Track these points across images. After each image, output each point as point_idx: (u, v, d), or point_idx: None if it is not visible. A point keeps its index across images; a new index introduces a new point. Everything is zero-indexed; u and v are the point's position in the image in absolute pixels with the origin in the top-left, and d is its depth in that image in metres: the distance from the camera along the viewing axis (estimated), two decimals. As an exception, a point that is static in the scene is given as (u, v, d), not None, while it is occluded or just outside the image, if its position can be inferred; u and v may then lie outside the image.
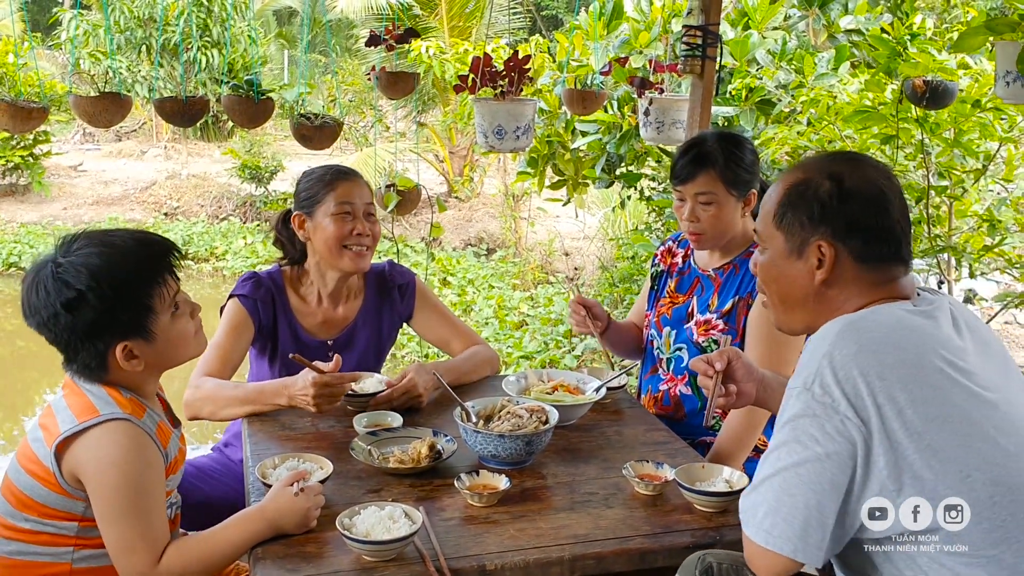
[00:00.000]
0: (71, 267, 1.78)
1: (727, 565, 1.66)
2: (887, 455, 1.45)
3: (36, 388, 8.03)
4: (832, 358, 1.50)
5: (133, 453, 1.76)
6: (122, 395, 1.82)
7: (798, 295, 1.72)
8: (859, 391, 1.46)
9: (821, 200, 1.65)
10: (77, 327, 1.77)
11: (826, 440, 1.46)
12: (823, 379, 1.48)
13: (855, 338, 1.52)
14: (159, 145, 17.03)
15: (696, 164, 2.56)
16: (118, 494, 1.74)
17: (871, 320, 1.57)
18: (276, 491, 1.83)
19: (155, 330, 1.84)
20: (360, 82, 14.22)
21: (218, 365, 2.53)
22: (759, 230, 1.78)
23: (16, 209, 13.59)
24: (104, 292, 1.77)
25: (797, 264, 1.69)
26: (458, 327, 2.90)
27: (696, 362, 2.02)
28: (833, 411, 1.46)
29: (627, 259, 7.19)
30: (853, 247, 1.64)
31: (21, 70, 6.14)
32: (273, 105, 3.39)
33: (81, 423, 1.75)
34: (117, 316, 1.80)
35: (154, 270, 1.86)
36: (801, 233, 1.68)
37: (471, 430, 2.10)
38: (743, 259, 2.63)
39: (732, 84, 4.72)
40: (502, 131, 3.23)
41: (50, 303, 1.77)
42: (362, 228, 2.65)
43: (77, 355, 1.81)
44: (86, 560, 1.82)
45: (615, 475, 2.10)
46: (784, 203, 1.70)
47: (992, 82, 3.99)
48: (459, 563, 1.71)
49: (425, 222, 12.27)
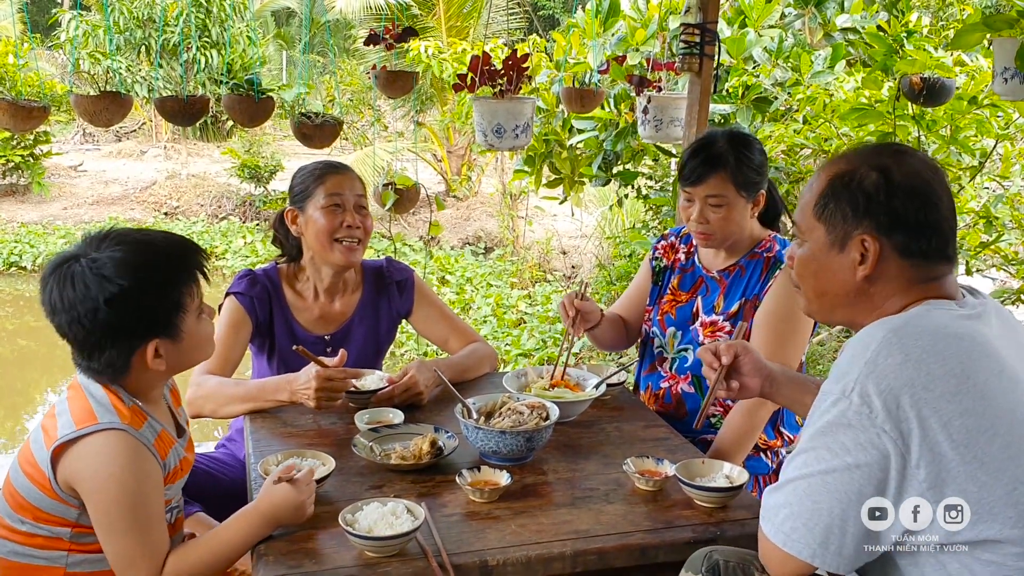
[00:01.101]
0: (110, 262, 1.75)
1: (734, 563, 1.64)
2: (929, 467, 1.42)
3: (37, 387, 8.04)
4: (876, 366, 1.45)
5: (130, 465, 1.73)
6: (124, 403, 1.79)
7: (838, 290, 1.66)
8: (901, 403, 1.42)
9: (867, 192, 1.59)
10: (115, 323, 1.75)
11: (857, 451, 1.43)
12: (863, 388, 1.44)
13: (900, 347, 1.47)
14: (159, 145, 17.03)
15: (707, 166, 2.53)
16: (116, 507, 1.73)
17: (916, 327, 1.51)
18: (268, 487, 1.82)
19: (184, 330, 1.83)
20: (358, 82, 14.24)
21: (218, 363, 2.54)
22: (798, 221, 1.72)
23: (16, 209, 13.59)
24: (146, 288, 1.77)
25: (838, 257, 1.64)
26: (456, 324, 2.90)
27: (704, 351, 2.00)
28: (870, 423, 1.42)
29: (624, 257, 7.19)
30: (898, 242, 1.58)
31: (22, 71, 6.16)
32: (273, 104, 3.40)
33: (79, 430, 1.73)
34: (155, 313, 1.79)
35: (188, 269, 1.85)
36: (844, 226, 1.62)
37: (472, 426, 2.11)
38: (748, 260, 2.63)
39: (729, 82, 4.73)
40: (501, 129, 3.24)
41: (90, 298, 1.73)
42: (352, 220, 2.64)
43: (103, 353, 1.78)
44: (80, 565, 1.81)
45: (615, 471, 2.11)
46: (826, 194, 1.64)
47: (989, 79, 4.01)
48: (461, 558, 1.72)
49: (423, 221, 12.29)
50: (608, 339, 2.87)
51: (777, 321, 2.50)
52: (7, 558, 1.81)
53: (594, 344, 2.87)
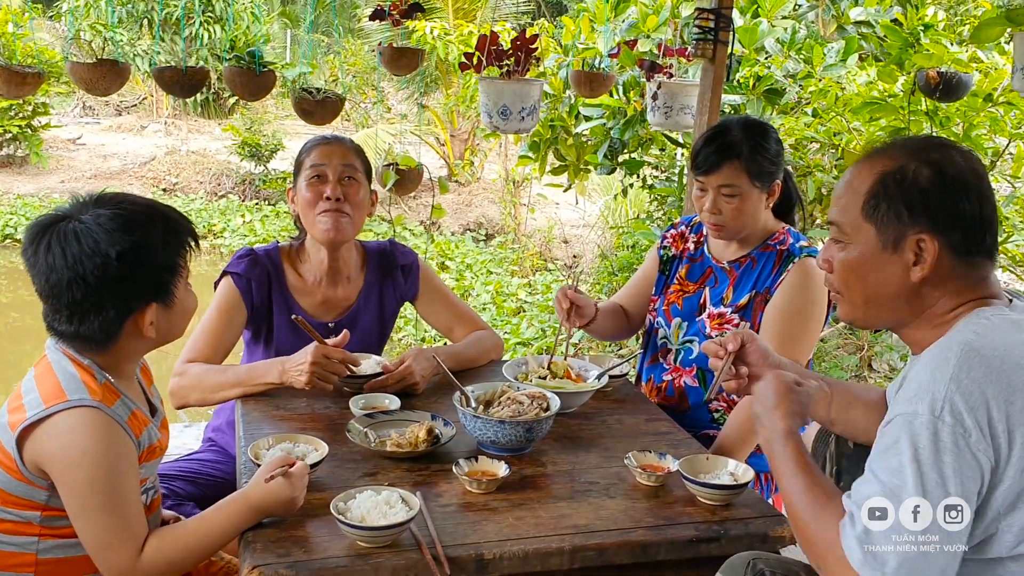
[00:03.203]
0: (115, 218, 1.68)
1: (781, 573, 1.57)
2: (1012, 483, 1.38)
3: (30, 360, 7.96)
4: (960, 383, 1.38)
5: (102, 444, 1.66)
6: (95, 380, 1.72)
7: (889, 293, 1.58)
8: (992, 417, 1.37)
9: (922, 189, 1.51)
10: (122, 281, 1.68)
11: (957, 483, 1.36)
12: (953, 406, 1.37)
13: (981, 360, 1.40)
14: (159, 121, 16.97)
15: (720, 155, 2.46)
16: (89, 489, 1.66)
17: (989, 337, 1.45)
18: (261, 476, 1.76)
19: (177, 296, 1.78)
20: (362, 62, 14.15)
21: (207, 351, 2.44)
22: (840, 222, 1.63)
23: (13, 181, 13.54)
24: (153, 246, 1.71)
25: (892, 259, 1.55)
26: (462, 311, 2.81)
27: (708, 344, 1.95)
28: (965, 443, 1.36)
29: (627, 248, 7.14)
30: (954, 240, 1.51)
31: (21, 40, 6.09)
32: (274, 78, 3.33)
33: (47, 408, 1.65)
34: (159, 275, 1.74)
35: (182, 233, 1.80)
36: (898, 226, 1.53)
37: (470, 415, 2.06)
38: (760, 252, 2.57)
39: (740, 72, 4.67)
40: (507, 111, 3.18)
41: (99, 252, 1.65)
42: (332, 191, 2.51)
43: (100, 315, 1.70)
44: (52, 551, 1.73)
45: (616, 464, 2.05)
46: (877, 192, 1.55)
47: (1004, 76, 3.94)
48: (456, 551, 1.66)
49: (424, 205, 12.24)
50: (606, 329, 2.80)
51: (788, 317, 2.44)
52: None
53: (591, 335, 2.80)
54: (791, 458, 1.60)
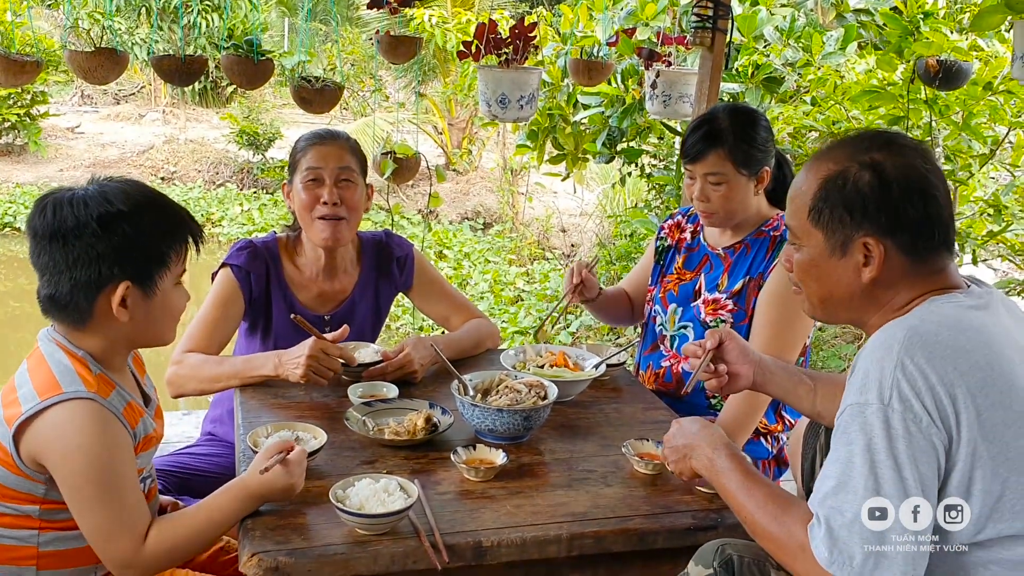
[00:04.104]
0: (116, 189, 1.73)
1: (749, 559, 1.57)
2: (965, 463, 1.39)
3: (29, 349, 7.99)
4: (905, 369, 1.39)
5: (98, 436, 1.66)
6: (90, 371, 1.72)
7: (843, 293, 1.60)
8: (939, 401, 1.38)
9: (862, 194, 1.52)
10: (96, 247, 1.69)
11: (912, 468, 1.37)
12: (901, 392, 1.38)
13: (923, 346, 1.41)
14: (157, 109, 16.92)
15: (706, 143, 2.48)
16: (87, 481, 1.65)
17: (934, 323, 1.46)
18: (258, 464, 1.76)
19: (159, 288, 1.77)
20: (360, 51, 14.11)
21: (203, 341, 2.44)
22: (792, 226, 1.65)
23: (12, 169, 13.52)
24: (140, 224, 1.72)
25: (841, 262, 1.57)
26: (457, 301, 2.82)
27: (688, 346, 1.98)
28: (916, 427, 1.37)
29: (625, 236, 7.14)
30: (902, 241, 1.52)
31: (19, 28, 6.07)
32: (272, 66, 3.32)
33: (43, 401, 1.65)
34: (137, 254, 1.73)
35: (183, 229, 1.81)
36: (843, 231, 1.55)
37: (468, 403, 2.06)
38: (754, 239, 2.58)
39: (739, 61, 4.66)
40: (505, 100, 3.18)
41: (84, 214, 1.68)
42: (330, 196, 2.50)
43: (71, 280, 1.70)
44: (53, 543, 1.74)
45: (614, 453, 2.06)
46: (820, 198, 1.57)
47: (1004, 65, 3.93)
48: (454, 539, 1.67)
49: (421, 194, 12.22)
50: (610, 313, 2.85)
51: (783, 302, 2.44)
52: None
53: (596, 317, 2.83)
54: (741, 473, 1.62)
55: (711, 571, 1.58)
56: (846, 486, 1.40)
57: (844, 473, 1.41)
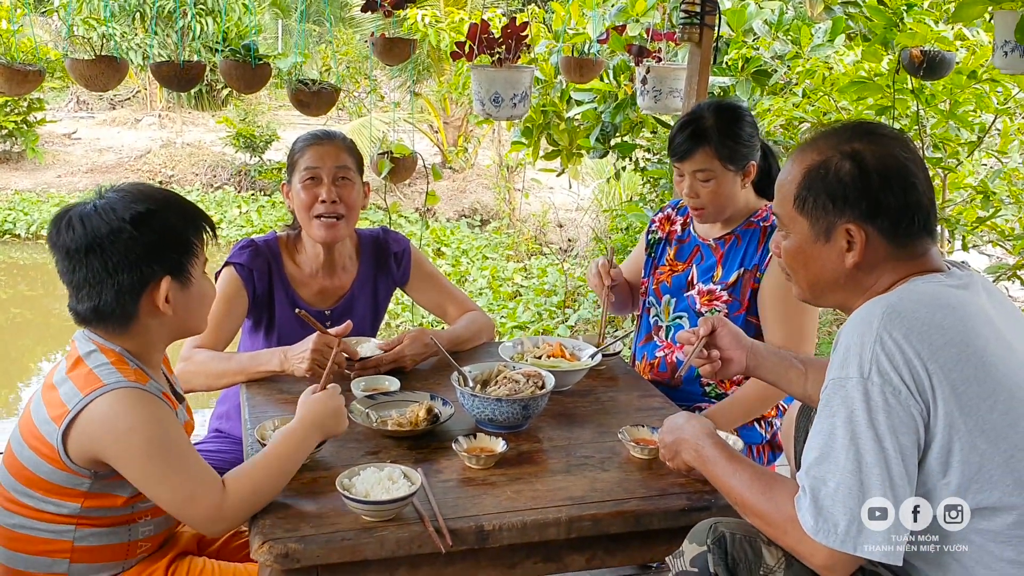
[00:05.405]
0: (134, 191, 1.80)
1: (740, 536, 1.63)
2: (943, 436, 1.45)
3: (31, 355, 8.04)
4: (884, 344, 1.46)
5: (147, 415, 1.71)
6: (128, 365, 1.77)
7: (829, 278, 1.68)
8: (916, 375, 1.44)
9: (843, 182, 1.61)
10: (135, 249, 1.75)
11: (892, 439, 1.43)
12: (880, 365, 1.45)
13: (900, 321, 1.48)
14: (153, 113, 16.94)
15: (693, 141, 2.55)
16: (149, 457, 1.70)
17: (912, 300, 1.53)
18: (304, 401, 1.90)
19: (193, 276, 1.85)
20: (354, 51, 14.13)
21: (210, 337, 2.50)
22: (779, 214, 1.74)
23: (10, 176, 13.54)
24: (167, 218, 1.80)
25: (825, 248, 1.66)
26: (453, 294, 2.90)
27: (682, 334, 2.06)
28: (896, 399, 1.44)
29: (621, 230, 7.18)
30: (883, 226, 1.60)
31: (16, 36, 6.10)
32: (270, 70, 3.36)
33: (86, 396, 1.69)
34: (170, 247, 1.81)
35: (198, 221, 1.89)
36: (826, 218, 1.64)
37: (468, 394, 2.11)
38: (744, 230, 2.64)
39: (728, 55, 4.71)
40: (499, 98, 3.22)
41: (116, 218, 1.74)
42: (328, 195, 2.58)
43: (113, 287, 1.75)
44: (87, 539, 1.79)
45: (610, 439, 2.11)
46: (804, 187, 1.65)
47: (989, 54, 3.99)
48: (457, 523, 1.72)
49: (419, 192, 12.25)
50: (622, 301, 2.93)
51: (787, 295, 2.49)
52: (12, 529, 1.79)
53: (611, 310, 2.89)
54: (726, 458, 1.70)
55: (705, 548, 1.63)
56: (828, 457, 1.47)
57: (827, 444, 1.48)
